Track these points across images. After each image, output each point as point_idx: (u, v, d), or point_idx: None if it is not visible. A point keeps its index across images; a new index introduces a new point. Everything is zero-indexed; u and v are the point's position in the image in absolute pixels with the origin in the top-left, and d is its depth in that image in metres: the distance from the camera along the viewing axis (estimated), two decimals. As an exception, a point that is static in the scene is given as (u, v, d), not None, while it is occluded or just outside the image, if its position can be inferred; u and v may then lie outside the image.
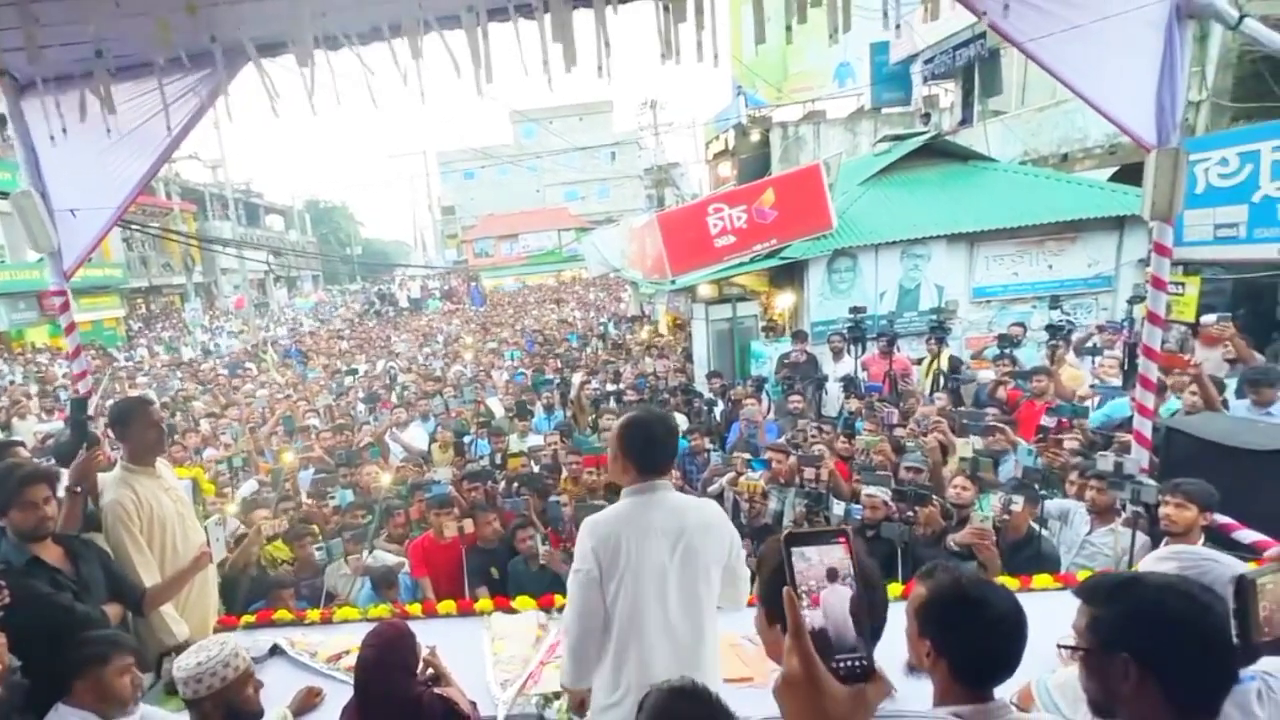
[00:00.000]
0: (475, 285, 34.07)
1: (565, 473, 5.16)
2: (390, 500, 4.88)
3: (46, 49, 3.02)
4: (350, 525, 4.52)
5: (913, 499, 3.78)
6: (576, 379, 9.00)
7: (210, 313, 29.87)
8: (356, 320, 27.97)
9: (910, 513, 3.74)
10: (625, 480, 2.22)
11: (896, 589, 3.33)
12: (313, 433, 7.02)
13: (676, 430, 2.41)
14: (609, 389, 8.33)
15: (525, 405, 7.45)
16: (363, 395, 9.58)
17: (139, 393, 8.92)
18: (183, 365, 15.80)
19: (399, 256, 61.14)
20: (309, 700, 2.87)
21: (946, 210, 9.24)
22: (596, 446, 5.29)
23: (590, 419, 7.38)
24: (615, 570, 2.10)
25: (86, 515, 3.05)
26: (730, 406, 7.04)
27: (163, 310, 30.68)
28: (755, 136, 19.29)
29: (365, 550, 4.28)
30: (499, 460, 5.69)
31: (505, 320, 21.32)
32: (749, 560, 2.37)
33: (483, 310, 27.37)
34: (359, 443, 6.64)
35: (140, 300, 29.81)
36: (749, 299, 9.85)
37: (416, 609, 3.66)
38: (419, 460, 6.25)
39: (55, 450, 4.26)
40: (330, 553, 4.27)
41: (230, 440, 6.99)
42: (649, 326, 14.66)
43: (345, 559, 4.23)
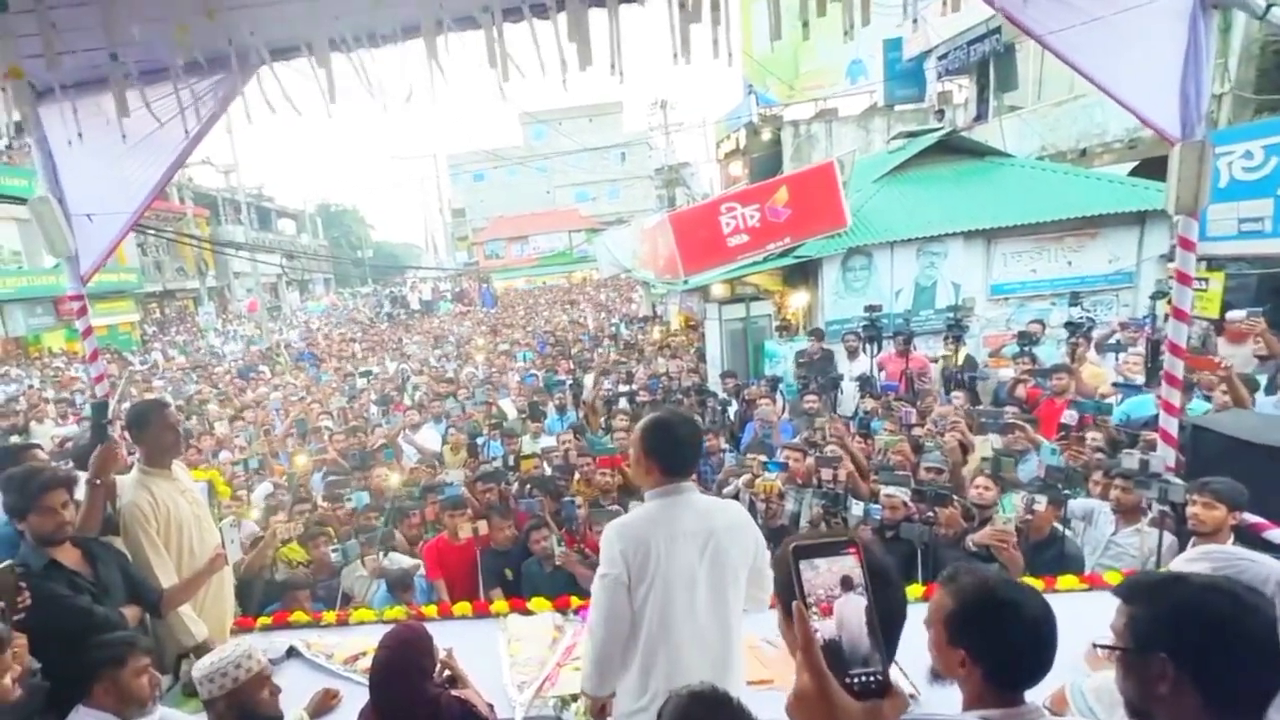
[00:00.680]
0: (486, 287, 34.24)
1: (578, 474, 5.15)
2: (403, 502, 4.90)
3: (64, 55, 3.05)
4: (365, 527, 4.54)
5: (933, 499, 3.75)
6: (589, 380, 8.97)
7: (223, 316, 30.13)
8: (368, 323, 27.98)
9: (930, 513, 3.70)
10: (648, 483, 2.20)
11: (917, 590, 3.32)
12: (326, 435, 7.05)
13: (700, 430, 2.40)
14: (622, 390, 8.28)
15: (538, 407, 7.46)
16: (376, 397, 9.59)
17: (155, 396, 8.99)
18: (197, 369, 15.86)
19: (410, 259, 61.51)
20: (326, 702, 2.88)
21: (963, 207, 9.16)
22: (609, 448, 5.32)
23: (603, 420, 7.36)
24: (645, 575, 2.08)
25: (105, 518, 3.08)
26: (745, 406, 7.01)
27: (177, 314, 31.05)
28: (767, 135, 19.22)
29: (380, 552, 4.28)
30: (512, 462, 5.68)
31: (517, 321, 21.34)
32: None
33: (494, 312, 27.40)
34: (373, 445, 6.66)
35: (155, 305, 30.21)
36: (763, 298, 9.79)
37: (432, 611, 3.67)
38: (432, 462, 6.27)
39: (74, 452, 4.30)
40: (346, 554, 4.30)
41: (245, 443, 7.03)
42: (661, 327, 14.59)
43: (361, 560, 4.24)
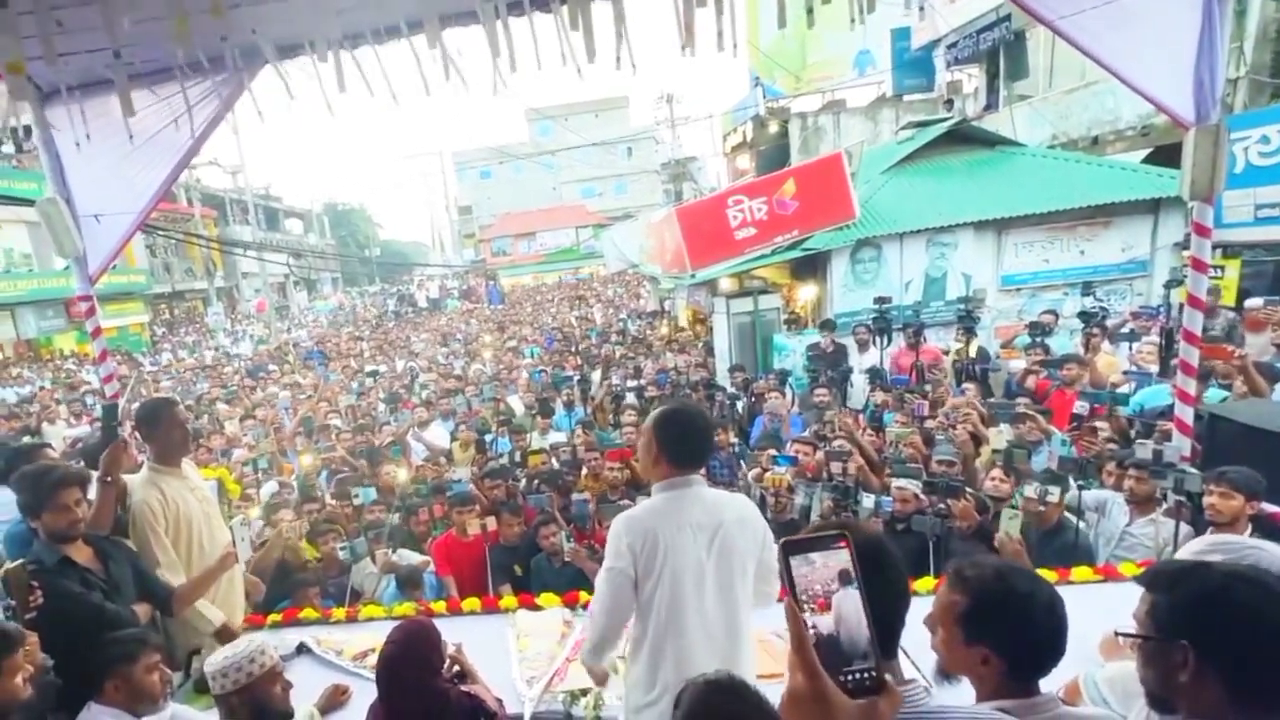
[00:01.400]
0: (493, 284, 34.30)
1: (586, 469, 5.13)
2: (411, 500, 4.91)
3: (68, 56, 3.08)
4: (373, 524, 4.54)
5: (945, 491, 3.71)
6: (597, 376, 8.94)
7: (232, 316, 30.36)
8: (376, 321, 28.04)
9: (943, 505, 3.66)
10: (657, 475, 2.20)
11: (928, 583, 3.34)
12: (334, 433, 7.03)
13: (712, 423, 2.45)
14: (630, 385, 8.26)
15: (548, 403, 7.47)
16: (384, 395, 9.58)
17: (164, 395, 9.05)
18: (207, 368, 15.97)
19: (417, 257, 61.70)
20: (336, 698, 2.90)
21: (973, 197, 9.08)
22: (618, 442, 5.28)
23: (611, 416, 7.34)
24: (653, 568, 2.08)
25: (116, 518, 3.10)
26: (753, 400, 6.97)
27: (186, 315, 31.32)
28: (774, 128, 19.12)
29: (389, 548, 4.30)
30: (520, 458, 5.69)
31: (524, 318, 21.39)
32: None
33: (501, 308, 27.48)
34: (381, 442, 6.65)
35: (164, 305, 30.49)
36: (771, 291, 9.74)
37: (441, 607, 3.67)
38: (440, 459, 6.29)
39: (84, 451, 4.34)
40: (354, 552, 4.26)
41: (254, 442, 7.03)
42: (669, 321, 14.56)
43: (371, 557, 4.25)
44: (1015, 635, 1.39)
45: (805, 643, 0.81)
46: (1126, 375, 5.47)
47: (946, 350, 7.19)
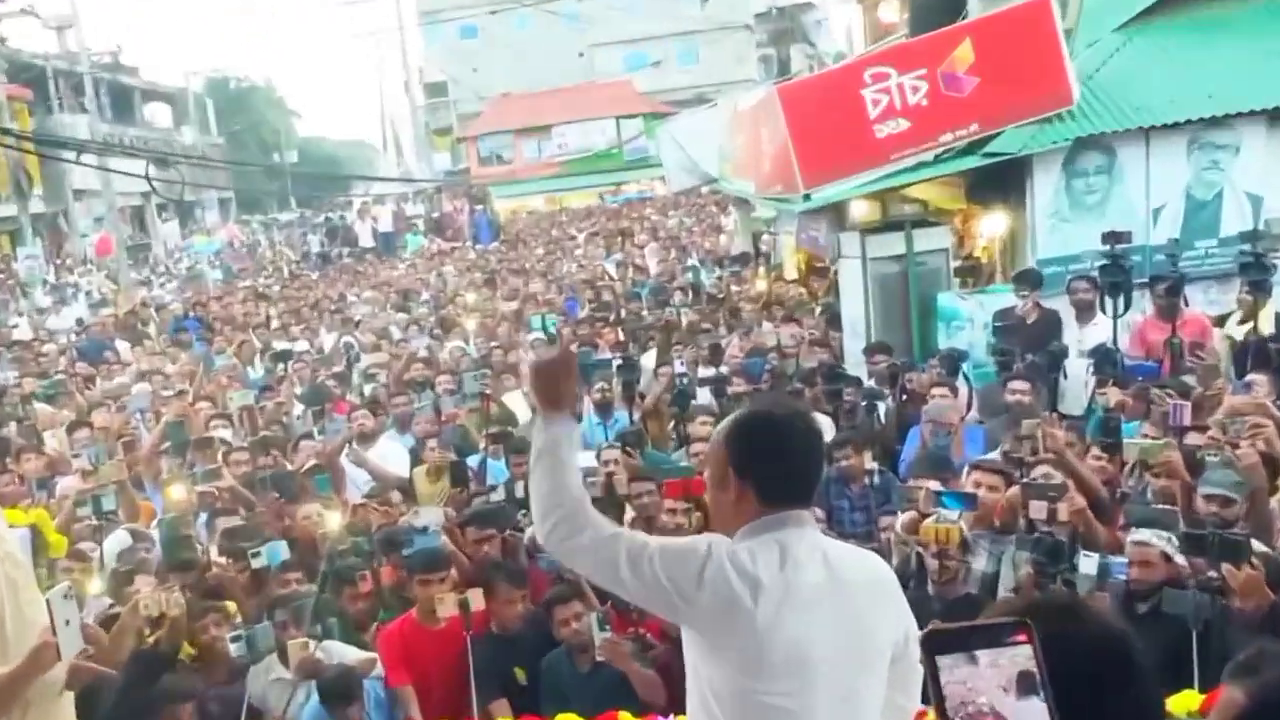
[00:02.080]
0: (482, 210, 31.21)
1: (631, 510, 4.83)
2: (346, 561, 4.57)
3: None
4: (285, 600, 4.18)
5: (1218, 550, 3.21)
6: (649, 360, 8.35)
7: (57, 262, 28.11)
8: (290, 271, 26.09)
9: (1213, 573, 3.25)
10: (737, 516, 1.96)
11: (1192, 700, 3.02)
12: (221, 452, 6.44)
13: (821, 433, 2.21)
14: (704, 375, 7.60)
15: (570, 404, 6.81)
16: (302, 391, 8.80)
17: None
18: (15, 345, 14.60)
19: (358, 167, 55.38)
20: None
21: (1265, 70, 7.84)
22: (683, 467, 5.11)
23: (672, 425, 7.00)
24: (727, 638, 1.88)
25: None
26: (905, 401, 6.44)
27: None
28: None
29: (309, 639, 3.88)
30: (524, 493, 4.87)
31: (532, 265, 19.49)
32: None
33: (495, 250, 25.20)
34: (298, 467, 6.24)
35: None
36: (933, 224, 8.59)
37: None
38: (392, 494, 5.84)
39: None
40: (254, 643, 3.84)
41: (90, 464, 6.34)
42: (767, 272, 13.22)
43: (280, 653, 3.90)
44: None
45: None
46: None
47: (1221, 320, 6.54)
